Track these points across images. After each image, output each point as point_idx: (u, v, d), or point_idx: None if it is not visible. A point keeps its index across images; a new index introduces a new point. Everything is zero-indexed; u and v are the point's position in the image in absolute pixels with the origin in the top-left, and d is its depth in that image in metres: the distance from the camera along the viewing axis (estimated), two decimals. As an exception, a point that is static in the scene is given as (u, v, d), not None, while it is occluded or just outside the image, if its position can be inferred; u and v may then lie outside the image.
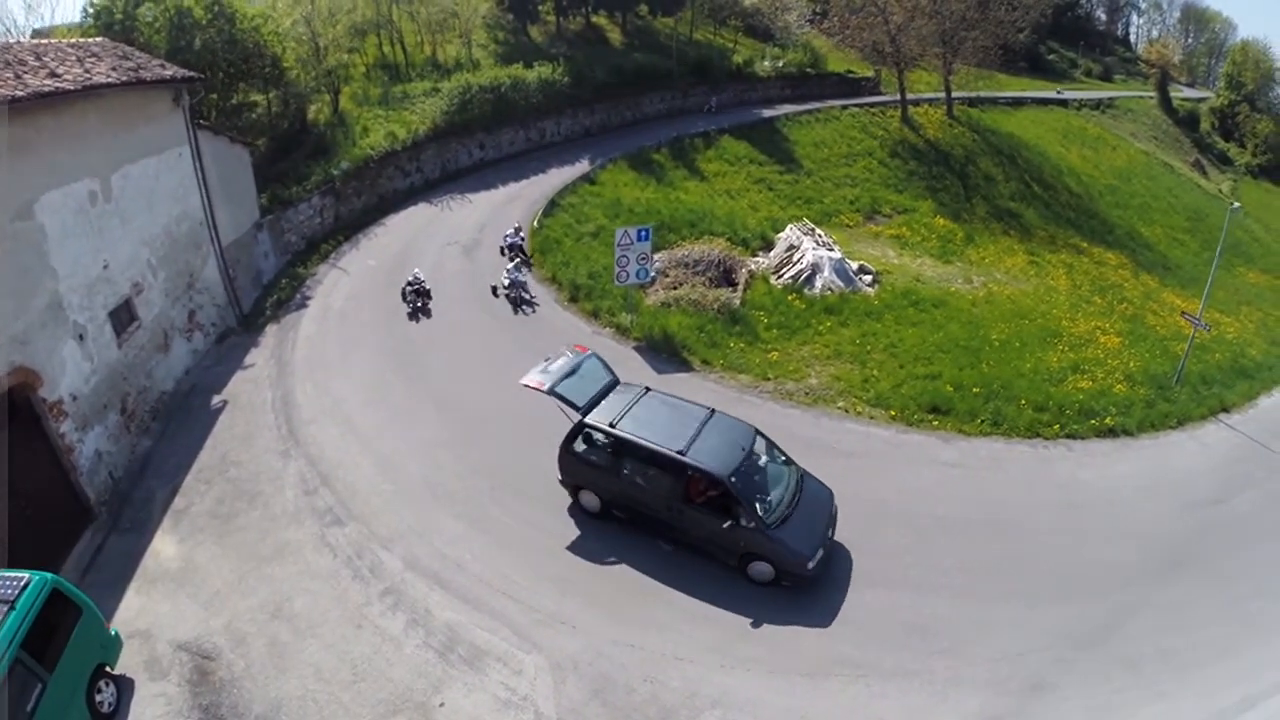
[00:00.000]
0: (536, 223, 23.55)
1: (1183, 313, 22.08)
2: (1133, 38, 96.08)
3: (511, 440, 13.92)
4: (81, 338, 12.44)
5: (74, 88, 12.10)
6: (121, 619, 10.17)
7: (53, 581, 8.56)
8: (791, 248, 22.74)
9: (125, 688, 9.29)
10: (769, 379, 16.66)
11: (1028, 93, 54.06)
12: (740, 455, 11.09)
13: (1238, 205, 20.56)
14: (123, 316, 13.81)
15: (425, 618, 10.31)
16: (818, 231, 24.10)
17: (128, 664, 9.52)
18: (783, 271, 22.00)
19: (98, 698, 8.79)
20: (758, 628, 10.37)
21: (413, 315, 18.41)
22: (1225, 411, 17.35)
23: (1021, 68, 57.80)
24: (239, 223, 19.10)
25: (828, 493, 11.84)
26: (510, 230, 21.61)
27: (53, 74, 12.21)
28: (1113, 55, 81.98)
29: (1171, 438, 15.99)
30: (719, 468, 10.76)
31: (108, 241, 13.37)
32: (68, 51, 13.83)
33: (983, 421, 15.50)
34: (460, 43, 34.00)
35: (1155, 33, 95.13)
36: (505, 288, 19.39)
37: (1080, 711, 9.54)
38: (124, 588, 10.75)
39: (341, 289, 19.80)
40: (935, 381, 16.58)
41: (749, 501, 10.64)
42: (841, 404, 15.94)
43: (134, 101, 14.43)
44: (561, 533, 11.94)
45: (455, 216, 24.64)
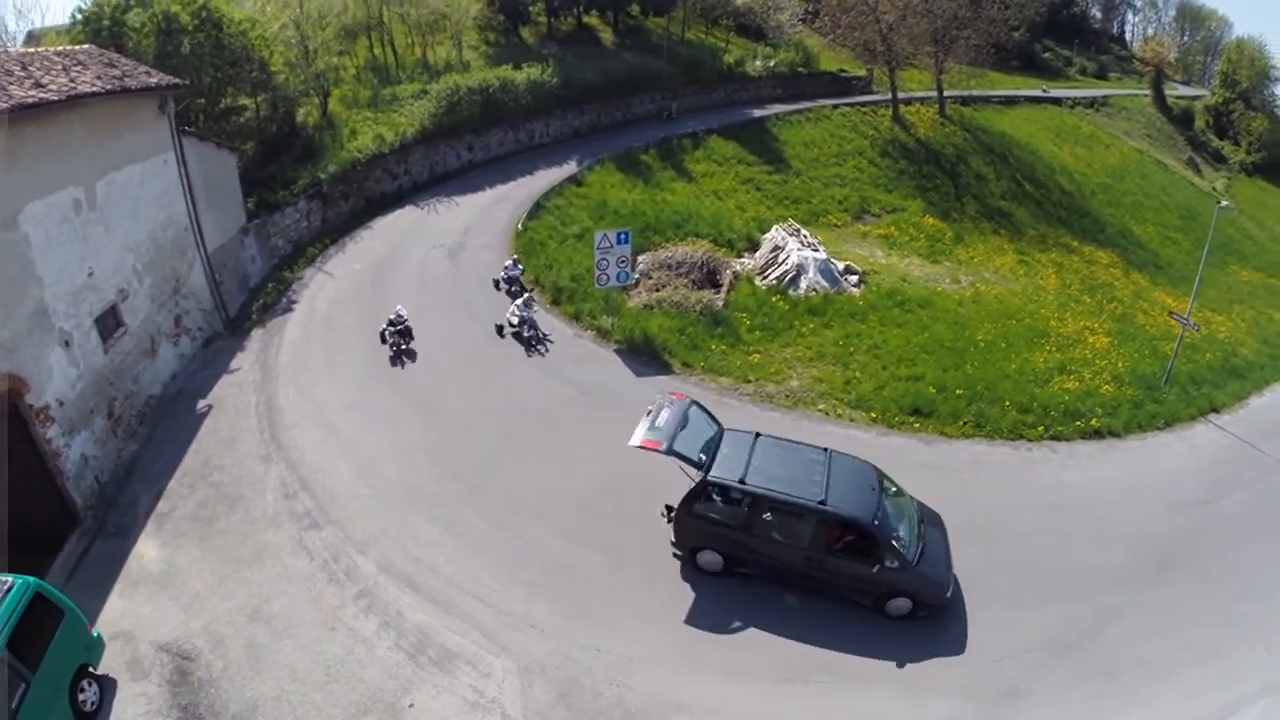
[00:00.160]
0: (521, 225, 23.60)
1: (1171, 312, 22.00)
2: (1128, 35, 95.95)
3: (495, 444, 14.06)
4: (68, 344, 12.61)
5: (58, 98, 12.16)
6: (105, 620, 10.39)
7: (35, 585, 8.81)
8: (776, 249, 22.83)
9: (108, 687, 9.51)
10: (749, 381, 16.75)
11: (1020, 91, 54.05)
12: (873, 496, 10.93)
13: (1226, 203, 20.62)
14: (109, 322, 13.98)
15: (397, 620, 10.50)
16: (803, 232, 24.19)
17: (110, 664, 9.75)
18: (767, 273, 22.10)
19: (80, 697, 9.05)
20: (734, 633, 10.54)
21: (395, 359, 16.59)
22: (1215, 412, 17.37)
23: (1015, 66, 57.75)
24: (225, 227, 19.26)
25: (938, 516, 11.95)
26: (509, 262, 20.30)
27: (38, 84, 12.27)
28: (1108, 53, 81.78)
29: (1159, 439, 16.02)
30: (861, 514, 10.55)
31: (93, 249, 13.53)
32: (54, 60, 13.91)
33: (965, 424, 15.54)
34: (451, 44, 34.04)
35: (1150, 30, 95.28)
36: (514, 326, 17.68)
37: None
38: (108, 590, 10.96)
39: (327, 293, 19.93)
40: (918, 383, 16.63)
41: (887, 542, 10.50)
42: (822, 406, 16.03)
43: (119, 109, 14.55)
44: (535, 537, 12.05)
45: (441, 219, 24.72)
